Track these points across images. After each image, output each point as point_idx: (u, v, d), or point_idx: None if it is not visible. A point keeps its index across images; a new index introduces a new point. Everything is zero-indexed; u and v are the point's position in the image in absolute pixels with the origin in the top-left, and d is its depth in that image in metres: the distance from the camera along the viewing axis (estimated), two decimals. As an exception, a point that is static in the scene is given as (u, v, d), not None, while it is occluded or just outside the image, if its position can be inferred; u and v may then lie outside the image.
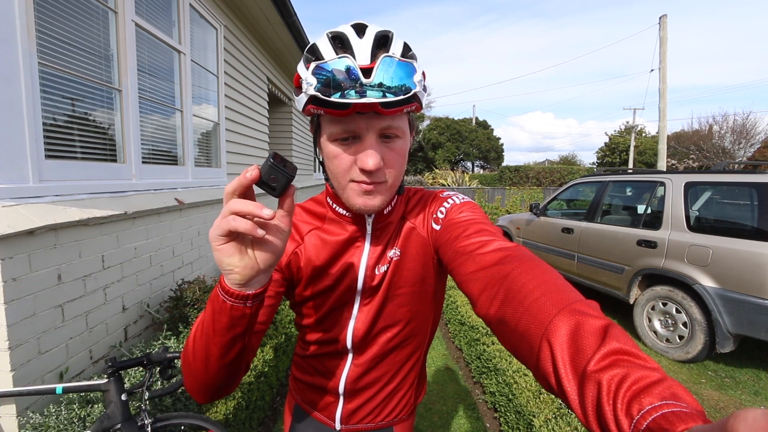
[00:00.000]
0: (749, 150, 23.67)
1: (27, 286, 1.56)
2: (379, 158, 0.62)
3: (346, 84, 0.57)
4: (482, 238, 0.62)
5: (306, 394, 0.91)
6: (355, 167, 0.64)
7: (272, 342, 2.67)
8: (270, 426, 2.42)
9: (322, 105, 0.59)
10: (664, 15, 12.53)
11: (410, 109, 0.63)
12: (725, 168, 4.00)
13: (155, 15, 2.69)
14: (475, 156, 34.84)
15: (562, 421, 1.93)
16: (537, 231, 5.57)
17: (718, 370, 3.35)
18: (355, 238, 0.77)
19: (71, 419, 1.46)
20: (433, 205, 0.78)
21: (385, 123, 0.62)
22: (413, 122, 0.73)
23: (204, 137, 3.57)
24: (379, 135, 0.63)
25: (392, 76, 0.58)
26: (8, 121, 1.55)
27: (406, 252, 0.77)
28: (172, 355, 1.34)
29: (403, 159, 0.68)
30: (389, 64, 0.58)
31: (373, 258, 0.77)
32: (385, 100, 0.57)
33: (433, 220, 0.75)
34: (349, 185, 0.66)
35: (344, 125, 0.62)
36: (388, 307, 0.79)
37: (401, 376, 0.88)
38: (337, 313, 0.80)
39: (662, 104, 12.64)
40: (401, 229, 0.78)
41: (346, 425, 0.88)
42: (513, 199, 13.79)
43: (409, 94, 0.59)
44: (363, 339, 0.81)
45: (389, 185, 0.68)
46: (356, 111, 0.58)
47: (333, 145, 0.65)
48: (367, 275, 0.76)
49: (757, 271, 2.94)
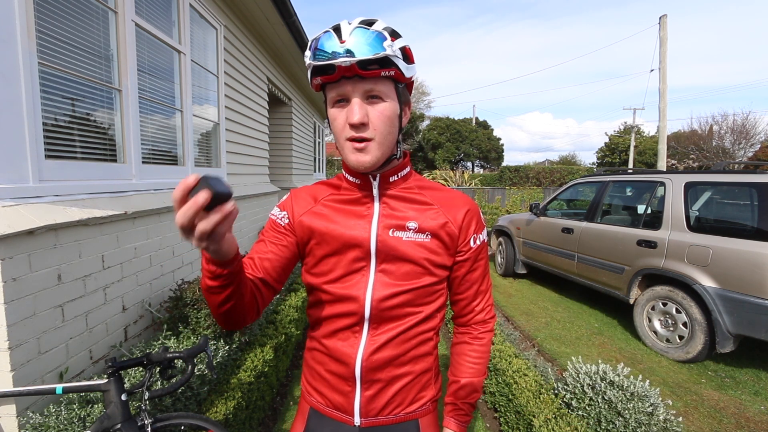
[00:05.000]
0: (749, 150, 23.66)
1: (27, 286, 1.56)
2: (363, 113, 0.75)
3: (330, 51, 0.71)
4: (475, 309, 0.95)
5: (320, 389, 0.90)
6: (347, 125, 0.77)
7: (272, 342, 2.67)
8: (270, 426, 2.42)
9: (318, 73, 0.75)
10: (664, 15, 12.53)
11: (389, 74, 0.75)
12: (725, 168, 4.00)
13: (155, 15, 2.69)
14: (475, 156, 34.84)
15: (562, 421, 1.93)
16: (537, 231, 5.57)
17: (718, 370, 3.35)
18: (365, 200, 0.87)
19: (71, 419, 1.46)
20: (474, 223, 0.90)
21: (368, 85, 0.75)
22: (403, 94, 0.82)
23: (204, 137, 3.57)
24: (365, 96, 0.76)
25: (362, 42, 0.71)
26: (8, 121, 1.55)
27: (432, 231, 0.85)
28: (172, 355, 1.34)
29: (388, 120, 0.78)
30: (361, 32, 0.72)
31: (386, 221, 0.85)
32: (359, 59, 0.70)
33: (472, 239, 0.89)
34: (346, 144, 0.78)
35: (337, 90, 0.76)
36: (405, 275, 0.84)
37: (419, 360, 0.88)
38: (353, 276, 0.84)
39: (662, 104, 12.64)
40: (431, 212, 0.86)
41: (366, 418, 0.86)
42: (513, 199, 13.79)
43: (379, 55, 0.71)
44: (380, 306, 0.83)
45: (377, 142, 0.78)
46: (343, 75, 0.73)
47: (332, 110, 0.79)
48: (379, 237, 0.83)
49: (757, 271, 2.94)
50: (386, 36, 0.72)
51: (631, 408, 1.94)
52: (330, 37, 0.72)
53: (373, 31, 0.72)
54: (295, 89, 7.54)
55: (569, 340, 3.94)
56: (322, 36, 0.74)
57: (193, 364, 1.38)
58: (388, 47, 0.72)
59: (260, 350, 2.51)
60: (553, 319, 4.52)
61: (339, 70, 0.72)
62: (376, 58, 0.71)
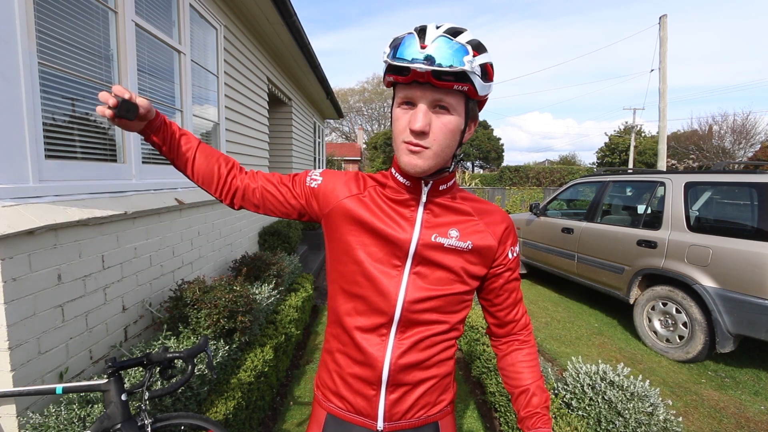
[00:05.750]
0: (749, 150, 23.66)
1: (27, 286, 1.56)
2: (426, 122, 0.74)
3: (408, 53, 0.71)
4: (517, 317, 0.97)
5: (342, 394, 0.88)
6: (407, 130, 0.76)
7: (272, 342, 2.67)
8: (270, 426, 2.42)
9: (392, 72, 0.74)
10: (664, 15, 12.52)
11: (462, 88, 0.73)
12: (725, 168, 4.00)
13: (155, 15, 2.69)
14: (475, 156, 34.83)
15: (563, 421, 1.93)
16: (537, 231, 5.57)
17: (718, 370, 3.35)
18: (411, 203, 0.86)
19: (71, 419, 1.46)
20: (512, 236, 0.93)
21: (437, 95, 0.74)
22: (472, 110, 0.81)
23: (204, 137, 3.57)
24: (432, 105, 0.75)
25: (443, 52, 0.70)
26: (8, 121, 1.55)
27: (473, 241, 0.86)
28: (172, 355, 1.34)
29: (450, 133, 0.77)
30: (443, 42, 0.70)
31: (429, 226, 0.85)
32: (435, 68, 0.69)
33: (510, 251, 0.92)
34: (402, 146, 0.78)
35: (405, 92, 0.76)
36: (438, 280, 0.84)
37: (442, 364, 0.88)
38: (387, 274, 0.84)
39: (662, 104, 12.64)
40: (471, 223, 0.88)
41: (389, 422, 0.85)
42: (513, 199, 13.79)
43: (456, 69, 0.69)
44: (410, 308, 0.83)
45: (434, 152, 0.77)
46: (415, 80, 0.72)
47: (397, 110, 0.79)
48: (421, 240, 0.84)
49: (757, 271, 2.94)
50: (469, 50, 0.71)
51: (631, 408, 1.94)
52: (413, 39, 0.72)
53: (457, 43, 0.71)
54: (295, 89, 7.54)
55: (569, 340, 3.94)
56: (406, 36, 0.73)
57: (193, 364, 1.38)
58: (468, 62, 0.71)
59: (260, 350, 2.51)
60: (553, 319, 4.52)
61: (413, 74, 0.71)
62: (452, 71, 0.70)
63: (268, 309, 3.15)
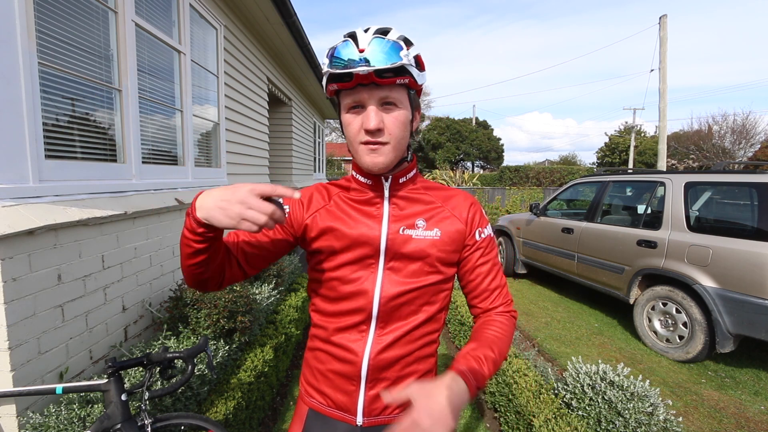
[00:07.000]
0: (749, 150, 23.65)
1: (27, 286, 1.56)
2: (379, 119, 0.78)
3: (347, 59, 0.74)
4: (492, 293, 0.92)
5: (322, 389, 0.90)
6: (362, 130, 0.79)
7: (272, 342, 2.67)
8: (270, 426, 2.42)
9: (334, 80, 0.77)
10: (664, 15, 12.53)
11: (404, 81, 0.77)
12: (725, 168, 4.01)
13: (155, 15, 2.69)
14: (475, 156, 34.85)
15: (562, 421, 1.93)
16: (537, 231, 5.57)
17: (718, 370, 3.35)
18: (375, 201, 0.89)
19: (71, 419, 1.46)
20: (478, 216, 0.93)
21: (383, 93, 0.77)
22: (415, 100, 0.85)
23: (204, 137, 3.57)
24: (380, 103, 0.78)
25: (380, 51, 0.73)
26: (8, 121, 1.55)
27: (441, 228, 0.88)
28: (172, 355, 1.34)
29: (402, 125, 0.81)
30: (378, 42, 0.74)
31: (396, 219, 0.87)
32: (378, 68, 0.72)
33: (477, 232, 0.91)
34: (360, 147, 0.81)
35: (352, 96, 0.78)
36: (412, 273, 0.85)
37: (423, 361, 0.89)
38: (362, 274, 0.86)
39: (662, 104, 12.64)
40: (437, 211, 0.89)
41: (368, 417, 0.87)
42: (513, 199, 13.78)
43: (396, 64, 0.73)
44: (388, 303, 0.84)
45: (391, 146, 0.81)
46: (359, 83, 0.75)
47: (347, 115, 0.81)
48: (390, 235, 0.86)
49: (757, 271, 2.94)
50: (402, 45, 0.75)
51: (631, 408, 1.94)
52: (347, 45, 0.75)
53: (389, 41, 0.74)
54: (295, 89, 7.54)
55: (569, 340, 3.94)
56: (339, 45, 0.76)
57: (193, 364, 1.38)
58: (405, 56, 0.74)
59: (260, 350, 2.51)
60: (553, 319, 4.52)
61: (356, 78, 0.74)
62: (393, 67, 0.73)
63: (268, 309, 3.15)
